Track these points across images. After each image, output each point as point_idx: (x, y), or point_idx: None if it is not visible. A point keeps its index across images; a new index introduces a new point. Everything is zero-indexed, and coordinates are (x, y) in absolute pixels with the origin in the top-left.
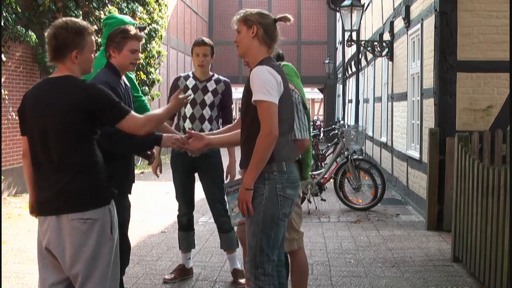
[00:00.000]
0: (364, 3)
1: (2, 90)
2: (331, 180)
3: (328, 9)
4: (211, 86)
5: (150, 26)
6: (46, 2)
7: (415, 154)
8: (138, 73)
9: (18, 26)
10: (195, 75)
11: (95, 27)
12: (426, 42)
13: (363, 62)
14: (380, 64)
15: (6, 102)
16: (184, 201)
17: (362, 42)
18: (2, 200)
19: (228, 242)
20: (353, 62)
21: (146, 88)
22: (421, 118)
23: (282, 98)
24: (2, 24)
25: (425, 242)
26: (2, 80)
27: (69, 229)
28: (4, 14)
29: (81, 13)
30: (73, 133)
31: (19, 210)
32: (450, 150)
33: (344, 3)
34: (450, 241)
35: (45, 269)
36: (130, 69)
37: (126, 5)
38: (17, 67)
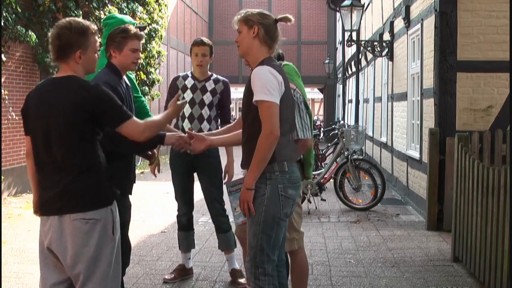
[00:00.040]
0: (364, 3)
1: (2, 90)
2: (331, 180)
3: (328, 9)
4: (210, 86)
5: (150, 26)
6: (46, 2)
7: (415, 154)
8: (138, 73)
9: (18, 26)
10: (194, 75)
11: (95, 27)
12: (426, 42)
13: (363, 62)
14: (380, 64)
15: (6, 102)
16: (183, 201)
17: (362, 42)
18: (2, 200)
19: (226, 242)
20: (353, 62)
21: (146, 88)
22: (421, 118)
23: (283, 98)
24: (2, 24)
25: (425, 242)
26: (2, 80)
27: (71, 229)
28: (4, 14)
29: (81, 13)
30: (76, 133)
31: (19, 210)
32: (450, 150)
33: (344, 3)
34: (450, 241)
35: (46, 269)
36: (131, 68)
37: (126, 5)
38: (17, 67)
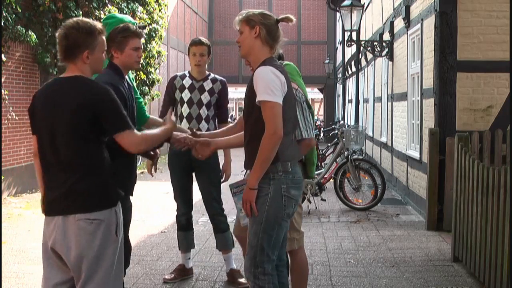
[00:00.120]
0: (364, 3)
1: (2, 90)
2: (331, 180)
3: (328, 9)
4: (208, 85)
5: (150, 26)
6: (46, 2)
7: (415, 154)
8: (138, 73)
9: (18, 26)
10: (192, 75)
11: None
12: (426, 42)
13: (363, 62)
14: (380, 64)
15: (6, 102)
16: (182, 201)
17: (362, 42)
18: (2, 200)
19: (224, 242)
20: (353, 62)
21: (146, 88)
22: (421, 118)
23: (286, 98)
24: (2, 24)
25: (425, 242)
26: (2, 80)
27: (75, 229)
28: (4, 14)
29: (81, 13)
30: (80, 134)
31: (19, 210)
32: (450, 150)
33: (344, 3)
34: (450, 241)
35: (50, 269)
36: (135, 67)
37: (126, 5)
38: (17, 67)
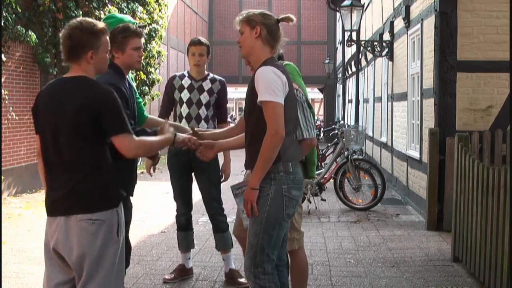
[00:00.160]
0: (364, 3)
1: (2, 90)
2: (331, 180)
3: (328, 9)
4: (207, 85)
5: (150, 26)
6: (46, 2)
7: (415, 154)
8: (138, 73)
9: (18, 26)
10: (191, 75)
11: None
12: (426, 42)
13: (363, 62)
14: (380, 64)
15: (6, 102)
16: (182, 201)
17: (362, 42)
18: (2, 200)
19: (223, 242)
20: (353, 62)
21: (146, 88)
22: (421, 118)
23: (287, 98)
24: (2, 24)
25: (425, 242)
26: (2, 80)
27: (77, 229)
28: (4, 14)
29: (81, 13)
30: (83, 134)
31: (19, 210)
32: (450, 150)
33: (344, 3)
34: (450, 241)
35: (52, 268)
36: (136, 66)
37: (126, 5)
38: (17, 67)
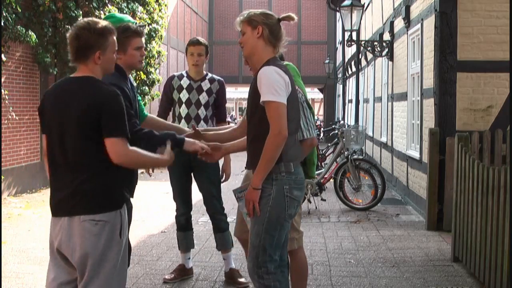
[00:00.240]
0: (364, 3)
1: (2, 90)
2: (331, 180)
3: (328, 9)
4: (206, 85)
5: (150, 26)
6: (46, 2)
7: (415, 154)
8: (138, 73)
9: (18, 26)
10: (189, 75)
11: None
12: (426, 42)
13: (363, 62)
14: (380, 64)
15: (6, 102)
16: (182, 201)
17: (362, 42)
18: (2, 200)
19: (224, 242)
20: (353, 62)
21: (146, 88)
22: (421, 118)
23: (290, 98)
24: (2, 24)
25: (425, 242)
26: (2, 80)
27: (80, 230)
28: (4, 14)
29: (81, 13)
30: (88, 134)
31: (19, 210)
32: (450, 150)
33: (344, 3)
34: (450, 241)
35: (56, 268)
36: (138, 66)
37: (126, 5)
38: (17, 67)
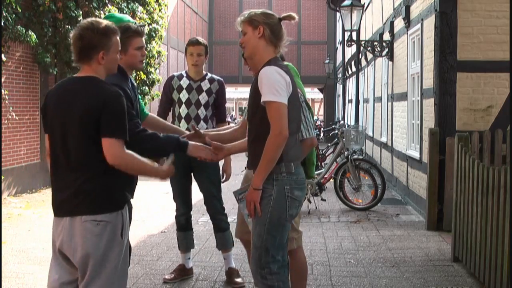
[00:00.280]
0: (364, 3)
1: (2, 90)
2: (331, 180)
3: (328, 9)
4: (205, 85)
5: (150, 26)
6: (46, 2)
7: (415, 154)
8: (138, 73)
9: (18, 26)
10: (189, 75)
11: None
12: (426, 42)
13: (363, 62)
14: (380, 64)
15: (6, 102)
16: (182, 201)
17: (362, 42)
18: (2, 200)
19: (224, 241)
20: (353, 62)
21: (146, 88)
22: (421, 118)
23: (291, 98)
24: (2, 24)
25: (425, 242)
26: (2, 80)
27: (81, 230)
28: (4, 14)
29: (81, 13)
30: (90, 134)
31: (19, 210)
32: (450, 150)
33: (344, 3)
34: (450, 241)
35: (59, 267)
36: (139, 67)
37: (126, 5)
38: (17, 67)
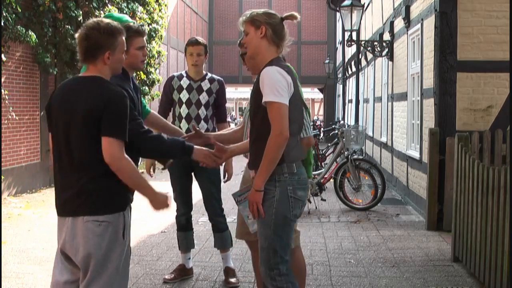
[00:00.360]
0: (364, 3)
1: (2, 90)
2: (331, 180)
3: (328, 9)
4: (206, 85)
5: (150, 26)
6: (46, 2)
7: (415, 154)
8: (138, 73)
9: (18, 26)
10: (189, 75)
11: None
12: (426, 42)
13: (363, 62)
14: (380, 64)
15: (6, 102)
16: (182, 201)
17: (362, 42)
18: (2, 200)
19: (222, 241)
20: (353, 62)
21: (146, 88)
22: (421, 118)
23: (292, 99)
24: (2, 24)
25: (425, 242)
26: (2, 80)
27: (83, 230)
28: (4, 14)
29: (81, 13)
30: (93, 134)
31: (19, 210)
32: (450, 150)
33: (344, 3)
34: (450, 241)
35: (64, 267)
36: (140, 67)
37: (126, 5)
38: (17, 67)
